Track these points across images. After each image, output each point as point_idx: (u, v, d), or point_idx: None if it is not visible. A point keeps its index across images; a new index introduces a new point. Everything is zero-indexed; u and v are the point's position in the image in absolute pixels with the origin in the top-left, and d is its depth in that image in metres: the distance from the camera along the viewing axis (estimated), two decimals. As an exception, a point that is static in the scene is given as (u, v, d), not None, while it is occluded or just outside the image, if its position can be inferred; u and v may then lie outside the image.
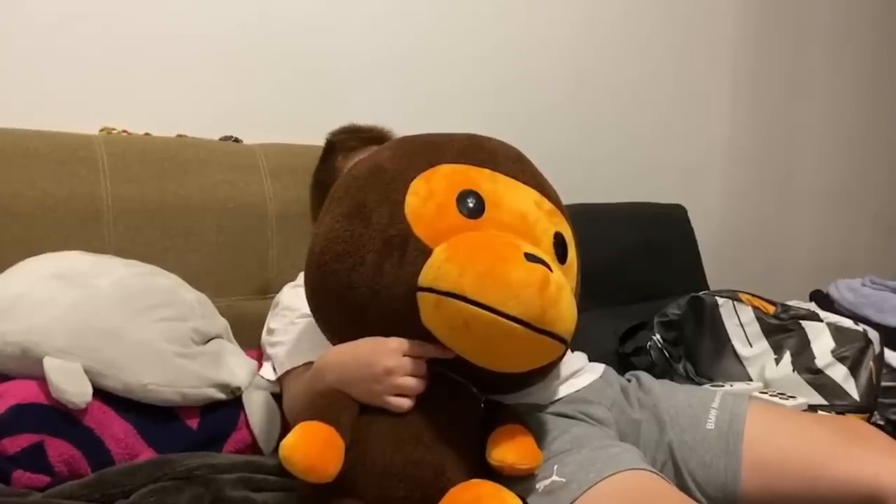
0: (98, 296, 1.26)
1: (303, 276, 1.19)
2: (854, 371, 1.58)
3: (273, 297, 1.48)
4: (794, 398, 1.53)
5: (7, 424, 1.13)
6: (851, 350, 1.60)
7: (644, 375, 1.35)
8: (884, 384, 1.62)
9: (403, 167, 1.11)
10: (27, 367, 1.18)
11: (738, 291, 1.75)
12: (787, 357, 1.64)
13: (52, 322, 1.20)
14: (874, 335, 1.64)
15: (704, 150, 2.62)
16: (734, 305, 1.72)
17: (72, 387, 1.15)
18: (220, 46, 1.80)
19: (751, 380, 1.66)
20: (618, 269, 1.99)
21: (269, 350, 1.37)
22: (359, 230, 1.07)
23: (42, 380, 1.16)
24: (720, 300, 1.73)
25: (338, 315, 1.12)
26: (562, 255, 1.12)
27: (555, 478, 1.04)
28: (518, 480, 1.04)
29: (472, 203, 1.07)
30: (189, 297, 1.38)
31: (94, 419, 1.18)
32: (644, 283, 2.05)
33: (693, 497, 1.11)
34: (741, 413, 1.22)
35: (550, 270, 0.99)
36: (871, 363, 1.59)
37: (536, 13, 2.24)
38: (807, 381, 1.59)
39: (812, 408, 1.54)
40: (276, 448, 1.02)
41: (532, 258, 0.99)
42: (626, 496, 1.01)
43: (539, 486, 1.05)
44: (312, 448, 0.96)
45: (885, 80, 3.00)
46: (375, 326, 1.07)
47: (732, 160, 2.69)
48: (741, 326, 1.70)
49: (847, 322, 1.65)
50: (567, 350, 1.08)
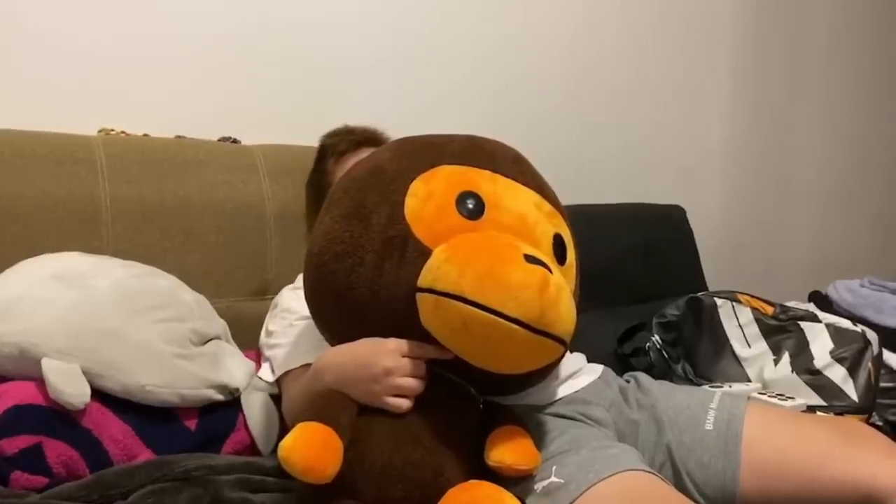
0: (97, 297, 1.26)
1: (302, 278, 1.19)
2: (853, 372, 1.58)
3: (272, 298, 1.48)
4: (793, 399, 1.53)
5: (5, 425, 1.12)
6: (850, 351, 1.59)
7: (643, 376, 1.35)
8: (882, 385, 1.62)
9: (403, 168, 1.11)
10: (25, 368, 1.18)
11: (737, 292, 1.75)
12: (786, 358, 1.63)
13: (51, 323, 1.20)
14: (873, 336, 1.64)
15: (704, 151, 2.62)
16: (733, 306, 1.71)
17: (70, 388, 1.15)
18: (219, 47, 1.80)
19: (749, 381, 1.65)
20: (617, 270, 1.99)
21: (268, 352, 1.37)
22: (358, 231, 1.07)
23: (40, 381, 1.16)
24: (719, 301, 1.73)
25: (337, 315, 1.12)
26: (561, 257, 1.12)
27: (553, 478, 1.05)
28: (516, 481, 1.05)
29: (472, 204, 1.07)
30: (188, 298, 1.38)
31: (93, 420, 1.18)
32: (643, 284, 2.05)
33: (692, 498, 1.11)
34: (740, 414, 1.22)
35: (550, 272, 0.99)
36: (870, 364, 1.59)
37: (536, 13, 2.24)
38: (805, 382, 1.59)
39: (811, 408, 1.54)
40: (275, 449, 1.02)
41: (531, 259, 0.99)
42: (625, 497, 1.01)
43: (537, 487, 1.05)
44: (311, 449, 0.96)
45: (885, 81, 2.99)
46: (374, 327, 1.07)
47: (732, 161, 2.69)
48: (740, 327, 1.70)
49: (846, 323, 1.65)
50: (566, 351, 1.08)
